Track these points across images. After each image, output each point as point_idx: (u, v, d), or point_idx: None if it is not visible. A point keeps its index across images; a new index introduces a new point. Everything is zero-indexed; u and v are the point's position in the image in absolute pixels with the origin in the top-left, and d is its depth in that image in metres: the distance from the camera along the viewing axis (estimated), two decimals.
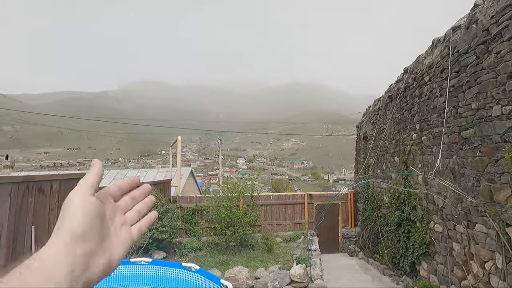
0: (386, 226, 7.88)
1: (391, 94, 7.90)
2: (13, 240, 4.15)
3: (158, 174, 15.63)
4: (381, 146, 8.87)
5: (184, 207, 10.03)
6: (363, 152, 11.67)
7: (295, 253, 8.16)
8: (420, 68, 6.05)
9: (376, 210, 9.03)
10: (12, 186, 4.19)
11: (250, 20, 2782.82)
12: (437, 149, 5.13)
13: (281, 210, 11.16)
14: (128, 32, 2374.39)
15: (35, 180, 4.57)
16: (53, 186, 4.92)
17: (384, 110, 8.72)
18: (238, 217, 8.45)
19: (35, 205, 4.54)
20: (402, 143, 6.94)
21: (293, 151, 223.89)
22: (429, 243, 5.65)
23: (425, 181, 5.75)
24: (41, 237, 4.61)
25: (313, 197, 11.59)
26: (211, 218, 8.81)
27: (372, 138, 9.96)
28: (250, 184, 9.80)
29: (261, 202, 10.44)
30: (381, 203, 8.75)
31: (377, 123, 9.35)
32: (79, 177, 3.35)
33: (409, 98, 6.57)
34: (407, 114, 6.68)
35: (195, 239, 9.44)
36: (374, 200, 9.27)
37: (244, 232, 8.38)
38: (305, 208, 11.33)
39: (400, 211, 6.80)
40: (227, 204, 8.58)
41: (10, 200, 4.14)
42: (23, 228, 4.31)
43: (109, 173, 15.96)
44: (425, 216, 5.79)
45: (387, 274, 7.04)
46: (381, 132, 9.05)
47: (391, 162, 7.93)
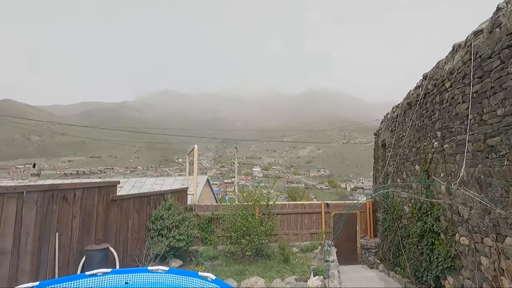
0: (407, 238, 7.57)
1: (410, 101, 7.69)
2: (38, 247, 4.31)
3: (175, 182, 15.88)
4: (400, 154, 8.61)
5: (200, 215, 10.09)
6: (381, 160, 11.37)
7: (312, 264, 7.98)
8: (441, 74, 5.87)
9: (397, 221, 8.71)
10: (38, 194, 4.38)
11: (263, 26, 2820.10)
12: (461, 158, 4.92)
13: (298, 220, 11.00)
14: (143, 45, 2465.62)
15: (59, 189, 4.75)
16: (76, 194, 5.10)
17: (403, 117, 8.49)
18: (254, 226, 8.40)
19: (59, 212, 4.71)
20: (423, 151, 6.71)
21: (309, 158, 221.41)
22: (455, 256, 5.36)
23: (448, 191, 5.50)
24: (64, 245, 4.77)
25: (330, 206, 11.36)
26: (227, 226, 8.81)
27: (391, 146, 9.70)
28: (266, 192, 9.76)
29: (277, 211, 10.35)
30: (401, 213, 8.44)
31: (396, 130, 9.11)
32: (100, 185, 3.47)
33: (429, 104, 6.37)
34: (428, 121, 6.47)
35: (211, 247, 9.45)
36: (394, 210, 8.96)
37: (260, 242, 8.31)
38: (322, 218, 11.11)
39: (422, 222, 6.52)
40: (242, 212, 8.56)
41: (36, 208, 4.33)
42: (47, 235, 4.48)
43: (129, 181, 16.39)
44: (450, 227, 5.52)
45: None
46: (400, 139, 8.80)
47: (411, 171, 7.67)
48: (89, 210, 5.37)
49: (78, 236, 5.09)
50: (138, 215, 7.08)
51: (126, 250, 6.52)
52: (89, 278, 2.73)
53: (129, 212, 6.73)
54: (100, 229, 5.66)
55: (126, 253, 6.53)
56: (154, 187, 15.41)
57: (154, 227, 7.32)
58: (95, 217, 5.54)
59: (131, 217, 6.78)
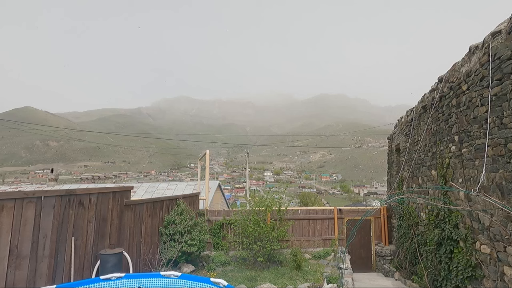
0: (424, 245, 7.33)
1: (425, 104, 7.51)
2: (55, 250, 4.42)
3: (187, 187, 16.01)
4: (415, 159, 8.39)
5: (212, 220, 10.11)
6: (395, 165, 11.12)
7: (325, 271, 7.83)
8: (457, 76, 5.71)
9: (413, 227, 8.46)
10: (55, 199, 4.50)
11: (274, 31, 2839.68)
12: (480, 163, 4.74)
13: (310, 225, 10.85)
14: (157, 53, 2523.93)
15: (76, 194, 4.87)
16: (92, 199, 5.21)
17: (417, 121, 8.30)
18: (266, 231, 8.34)
19: (75, 217, 4.82)
20: (440, 155, 6.51)
21: (321, 163, 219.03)
22: (476, 265, 5.14)
23: (468, 197, 5.30)
24: (79, 249, 4.87)
25: (343, 212, 11.16)
26: (239, 232, 8.78)
27: (406, 151, 9.47)
28: (278, 197, 9.69)
29: (288, 216, 10.24)
30: (417, 219, 8.19)
31: (411, 134, 8.90)
32: (114, 190, 3.53)
33: (446, 108, 6.19)
34: (444, 125, 6.28)
35: (223, 253, 9.43)
36: (410, 216, 8.71)
37: (271, 248, 8.23)
38: (335, 224, 10.92)
39: (440, 229, 6.30)
40: (254, 218, 8.52)
41: (53, 212, 4.44)
42: (64, 240, 4.58)
43: (142, 186, 16.64)
44: (470, 235, 5.30)
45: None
46: (415, 144, 8.59)
47: (427, 176, 7.45)
48: (103, 214, 5.47)
49: (93, 240, 5.18)
50: (151, 220, 7.16)
51: (139, 255, 6.59)
52: (103, 282, 2.77)
53: (142, 217, 6.81)
54: (114, 233, 5.75)
55: (139, 257, 6.60)
56: (166, 192, 15.59)
57: (167, 232, 7.37)
58: (110, 222, 5.63)
59: (144, 222, 6.86)
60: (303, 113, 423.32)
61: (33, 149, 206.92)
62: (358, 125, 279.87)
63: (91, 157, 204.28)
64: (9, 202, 3.89)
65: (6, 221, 3.84)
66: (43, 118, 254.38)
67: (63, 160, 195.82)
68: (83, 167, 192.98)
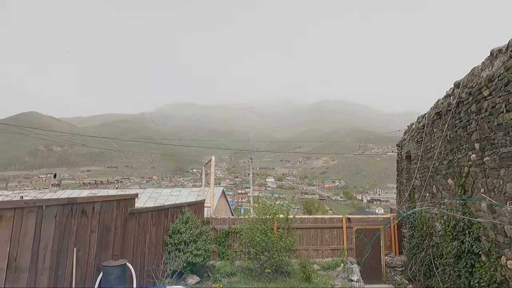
0: (440, 258, 6.99)
1: (439, 111, 7.26)
2: (56, 262, 4.17)
3: (191, 193, 15.76)
4: (429, 167, 8.10)
5: (217, 229, 9.82)
6: (406, 173, 10.81)
7: (336, 284, 7.50)
8: (477, 81, 5.47)
9: (426, 238, 8.12)
10: (57, 208, 4.27)
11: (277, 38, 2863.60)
12: (506, 172, 4.47)
13: (318, 234, 10.52)
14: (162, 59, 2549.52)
15: (78, 202, 4.64)
16: (95, 207, 4.98)
17: (430, 127, 8.03)
18: (273, 241, 8.04)
19: (77, 227, 4.58)
20: (457, 164, 6.23)
21: (324, 169, 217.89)
22: (501, 282, 4.82)
23: (491, 208, 5.01)
24: (81, 260, 4.63)
25: (351, 221, 10.83)
26: (245, 242, 8.48)
27: (417, 158, 9.18)
28: (286, 205, 9.41)
29: (296, 225, 9.94)
30: (432, 230, 7.86)
31: (423, 141, 8.62)
32: (119, 198, 3.25)
33: (464, 114, 5.93)
34: (462, 132, 6.02)
35: (228, 263, 9.13)
36: (423, 226, 8.38)
37: (280, 258, 7.92)
38: (344, 233, 10.58)
39: (459, 242, 5.98)
40: (261, 227, 8.23)
41: (55, 222, 4.21)
42: (65, 251, 4.34)
43: (145, 192, 16.41)
44: (494, 249, 4.99)
45: None
46: (428, 151, 8.31)
47: (443, 185, 7.15)
48: (107, 224, 5.23)
49: (96, 251, 4.94)
50: (155, 229, 6.91)
51: (143, 266, 6.33)
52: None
53: (147, 226, 6.56)
54: (118, 243, 5.50)
55: (143, 268, 6.33)
56: (170, 198, 15.34)
57: (172, 241, 7.11)
58: (113, 231, 5.39)
59: (148, 231, 6.61)
60: (305, 119, 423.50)
61: (37, 153, 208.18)
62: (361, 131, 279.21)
63: (94, 161, 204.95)
64: (8, 212, 3.67)
65: (5, 232, 3.62)
66: (47, 123, 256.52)
67: (66, 165, 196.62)
68: (86, 171, 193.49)
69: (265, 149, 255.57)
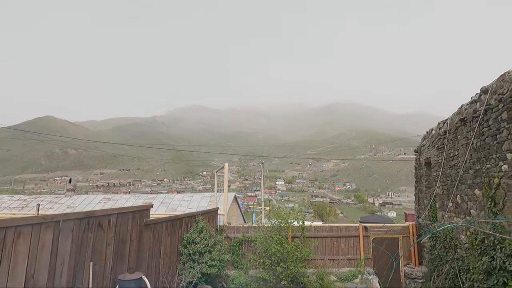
0: (467, 272, 6.63)
1: (464, 117, 6.92)
2: (72, 277, 4.10)
3: (203, 199, 15.68)
4: (452, 175, 7.74)
5: (231, 237, 9.68)
6: (425, 180, 10.41)
7: None
8: (508, 87, 5.16)
9: (450, 250, 7.74)
10: (74, 222, 4.21)
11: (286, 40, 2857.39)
12: None
13: (333, 243, 10.23)
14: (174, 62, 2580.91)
15: (95, 216, 4.58)
16: (111, 220, 4.91)
17: (454, 134, 7.68)
18: (289, 251, 7.84)
19: (94, 240, 4.52)
20: (486, 174, 5.89)
21: (334, 172, 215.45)
22: None
23: None
24: (97, 274, 4.55)
25: (368, 229, 10.50)
26: (260, 251, 8.29)
27: (438, 165, 8.81)
28: (299, 210, 9.17)
29: (310, 233, 9.70)
30: (456, 242, 7.49)
31: (445, 148, 8.26)
32: (134, 210, 3.08)
33: (493, 122, 5.61)
34: (491, 141, 5.69)
35: (242, 272, 8.96)
36: (446, 237, 8.00)
37: (296, 269, 7.70)
38: (360, 242, 10.26)
39: (489, 257, 5.64)
40: (277, 237, 8.03)
41: (72, 236, 4.15)
42: (81, 265, 4.27)
43: (157, 197, 16.45)
44: None
45: None
46: (450, 159, 7.94)
47: (468, 196, 6.80)
48: (123, 236, 5.16)
49: (112, 264, 4.86)
50: (170, 239, 6.81)
51: (158, 277, 6.23)
52: None
53: (161, 236, 6.47)
54: (133, 256, 5.42)
55: (158, 280, 6.23)
56: (182, 203, 15.31)
57: (186, 252, 7.00)
58: (129, 244, 5.31)
59: (163, 242, 6.52)
60: (315, 121, 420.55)
61: (52, 156, 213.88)
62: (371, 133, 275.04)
63: (107, 164, 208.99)
64: (26, 228, 3.60)
65: (23, 249, 3.55)
66: (62, 127, 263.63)
67: (80, 168, 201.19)
68: (99, 174, 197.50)
69: (274, 151, 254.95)
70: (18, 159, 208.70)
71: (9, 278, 3.35)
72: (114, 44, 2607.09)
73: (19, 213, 13.35)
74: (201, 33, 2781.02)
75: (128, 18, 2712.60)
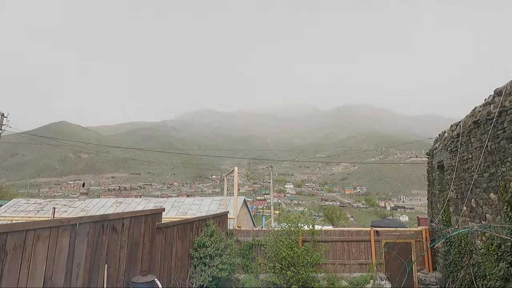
0: (483, 279, 6.45)
1: (477, 119, 6.79)
2: (88, 280, 4.21)
3: (213, 202, 15.77)
4: (466, 179, 7.58)
5: (241, 241, 9.70)
6: (438, 184, 10.21)
7: None
8: None
9: (466, 255, 7.55)
10: (89, 226, 4.33)
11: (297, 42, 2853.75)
12: None
13: (344, 248, 10.12)
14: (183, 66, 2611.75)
15: (109, 219, 4.70)
16: (124, 223, 5.02)
17: (467, 137, 7.53)
18: (300, 256, 7.81)
19: (108, 243, 4.63)
20: (502, 178, 5.76)
21: (344, 175, 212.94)
22: None
23: None
24: (111, 277, 4.66)
25: (380, 234, 10.35)
26: (270, 255, 8.28)
27: (452, 169, 8.64)
28: (309, 214, 9.12)
29: (321, 238, 9.63)
30: (472, 247, 7.30)
31: (458, 151, 8.10)
32: (147, 213, 3.18)
33: (508, 124, 5.49)
34: (507, 144, 5.57)
35: (253, 276, 8.96)
36: (461, 242, 7.82)
37: (306, 274, 7.66)
38: (372, 247, 10.12)
39: (506, 263, 5.48)
40: (287, 241, 8.02)
41: (87, 239, 4.27)
42: (96, 267, 4.38)
43: (167, 201, 16.64)
44: None
45: None
46: (464, 162, 7.79)
47: (483, 199, 6.64)
48: (136, 239, 5.27)
49: (125, 267, 4.96)
50: (181, 242, 6.90)
51: (170, 280, 6.31)
52: None
53: (173, 240, 6.57)
54: (146, 258, 5.52)
55: (170, 283, 6.31)
56: (192, 207, 15.44)
57: (197, 255, 7.07)
58: (141, 247, 5.42)
59: (174, 245, 6.61)
60: (325, 123, 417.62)
61: (66, 161, 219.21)
62: (381, 135, 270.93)
63: (119, 168, 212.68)
64: (44, 231, 3.74)
65: (42, 251, 3.68)
66: (75, 131, 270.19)
67: (92, 171, 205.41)
68: (111, 178, 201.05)
69: (283, 155, 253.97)
70: (33, 164, 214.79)
71: (28, 280, 3.48)
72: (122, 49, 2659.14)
73: (35, 216, 13.73)
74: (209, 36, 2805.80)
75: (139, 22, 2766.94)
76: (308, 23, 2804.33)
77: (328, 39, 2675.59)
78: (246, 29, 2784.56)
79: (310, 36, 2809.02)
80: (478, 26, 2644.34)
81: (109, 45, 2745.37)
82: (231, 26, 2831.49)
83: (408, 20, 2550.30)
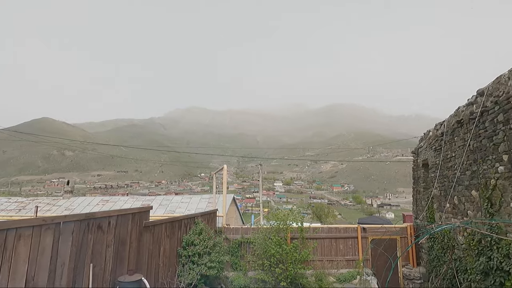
0: (464, 273, 6.68)
1: (460, 119, 7.00)
2: (72, 279, 4.11)
3: (202, 201, 15.67)
4: (449, 177, 7.81)
5: (230, 239, 9.69)
6: (423, 181, 10.49)
7: None
8: (504, 90, 5.24)
9: (448, 251, 7.80)
10: (74, 224, 4.23)
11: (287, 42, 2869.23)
12: None
13: (332, 245, 10.27)
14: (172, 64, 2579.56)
15: (95, 217, 4.59)
16: (111, 222, 4.92)
17: (450, 135, 7.76)
18: (288, 253, 7.86)
19: (93, 242, 4.53)
20: (482, 175, 5.96)
21: (332, 173, 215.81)
22: None
23: None
24: (97, 276, 4.56)
25: (367, 230, 10.55)
26: (259, 253, 8.31)
27: (436, 167, 8.88)
28: (298, 212, 9.18)
29: (309, 235, 9.73)
30: (454, 242, 7.55)
31: (442, 150, 8.33)
32: (134, 212, 3.13)
33: (489, 124, 5.69)
34: (487, 142, 5.76)
35: (241, 273, 8.97)
36: (444, 238, 8.06)
37: (295, 271, 7.73)
38: (359, 243, 10.31)
39: (485, 258, 5.69)
40: (275, 238, 8.06)
41: (72, 238, 4.16)
42: (81, 267, 4.28)
43: (156, 199, 16.43)
44: None
45: None
46: (447, 160, 8.02)
47: (465, 197, 6.86)
48: (122, 238, 5.17)
49: (112, 266, 4.87)
50: (169, 241, 6.83)
51: (157, 279, 6.24)
52: None
53: (161, 238, 6.49)
54: (133, 257, 5.43)
55: (157, 281, 6.24)
56: (180, 205, 15.30)
57: (185, 254, 7.01)
58: (128, 245, 5.32)
59: (162, 243, 6.53)
60: (314, 122, 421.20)
61: (49, 158, 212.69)
62: (369, 134, 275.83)
63: (105, 166, 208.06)
64: (26, 230, 3.61)
65: (23, 251, 3.56)
66: (60, 128, 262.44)
67: (77, 169, 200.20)
68: (97, 176, 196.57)
69: (273, 153, 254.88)
70: (14, 161, 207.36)
71: (9, 281, 3.36)
72: (112, 45, 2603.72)
73: (17, 215, 13.29)
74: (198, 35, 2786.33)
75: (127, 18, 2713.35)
76: (298, 22, 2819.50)
77: (316, 39, 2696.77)
78: (237, 27, 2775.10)
79: (300, 35, 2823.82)
80: (465, 27, 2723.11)
81: (97, 40, 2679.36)
82: (222, 24, 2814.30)
83: (397, 21, 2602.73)
